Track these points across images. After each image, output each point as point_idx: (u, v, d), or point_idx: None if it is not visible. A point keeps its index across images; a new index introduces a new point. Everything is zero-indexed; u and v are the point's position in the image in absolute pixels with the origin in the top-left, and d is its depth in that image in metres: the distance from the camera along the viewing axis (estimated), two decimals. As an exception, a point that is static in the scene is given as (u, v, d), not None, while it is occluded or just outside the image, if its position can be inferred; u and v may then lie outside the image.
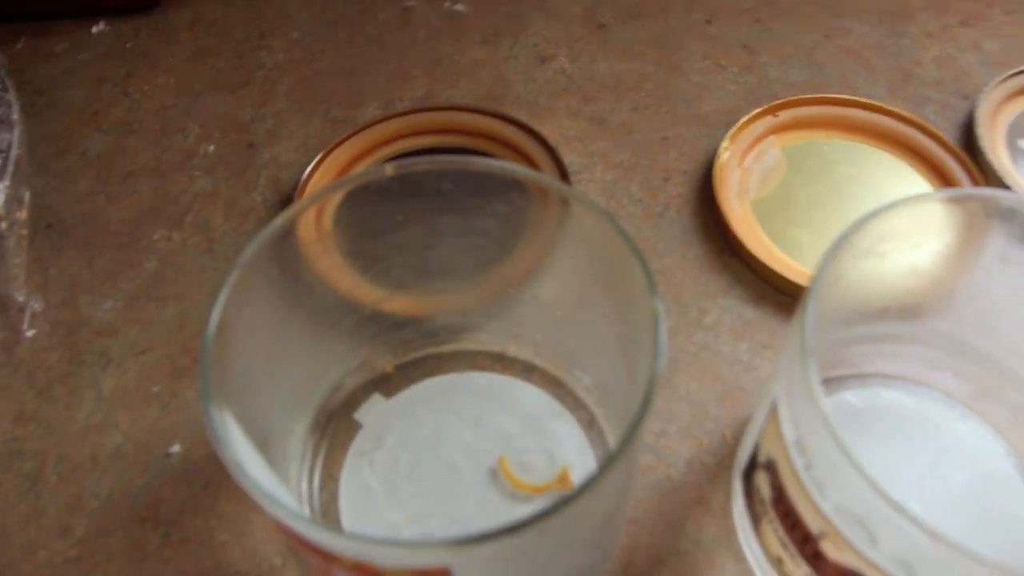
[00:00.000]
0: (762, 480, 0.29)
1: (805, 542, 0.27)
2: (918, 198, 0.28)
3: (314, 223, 0.31)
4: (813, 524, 0.26)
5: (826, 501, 0.25)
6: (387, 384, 0.36)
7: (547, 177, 0.28)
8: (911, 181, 0.42)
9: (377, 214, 0.33)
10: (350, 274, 0.34)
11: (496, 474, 0.33)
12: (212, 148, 0.44)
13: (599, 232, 0.28)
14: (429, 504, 0.33)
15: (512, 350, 0.36)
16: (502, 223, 0.31)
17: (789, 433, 0.26)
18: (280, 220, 0.27)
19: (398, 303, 0.35)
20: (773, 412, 0.27)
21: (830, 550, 0.26)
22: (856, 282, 0.32)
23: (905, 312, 0.34)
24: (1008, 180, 0.41)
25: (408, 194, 0.31)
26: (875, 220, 0.27)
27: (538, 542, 0.24)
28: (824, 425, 0.23)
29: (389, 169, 0.30)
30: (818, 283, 0.26)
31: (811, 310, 0.25)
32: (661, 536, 0.32)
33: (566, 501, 0.22)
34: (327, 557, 0.24)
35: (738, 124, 0.42)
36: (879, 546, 0.24)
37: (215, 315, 0.25)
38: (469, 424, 0.35)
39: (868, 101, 0.44)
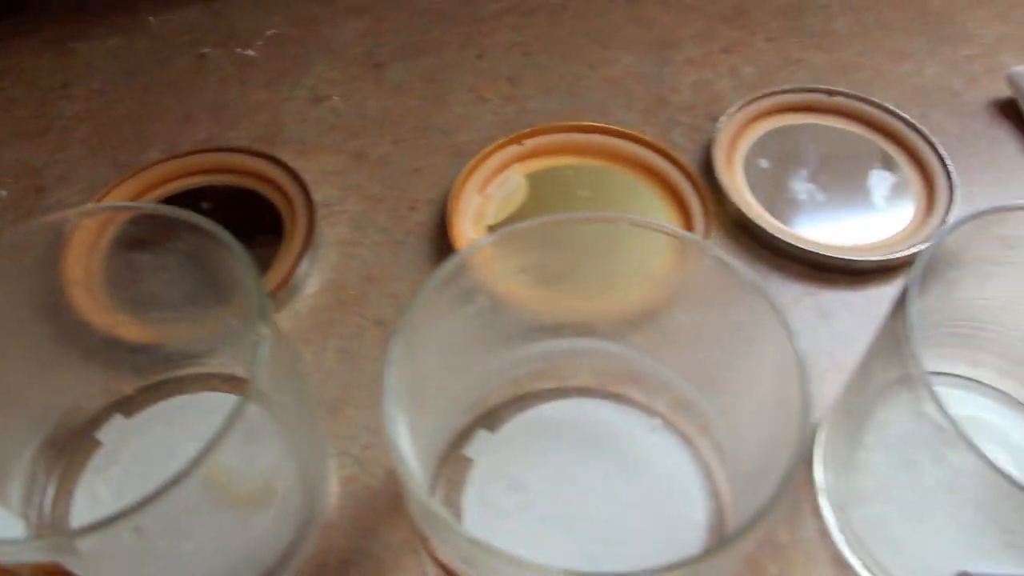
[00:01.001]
0: (410, 483, 0.32)
1: (425, 541, 0.29)
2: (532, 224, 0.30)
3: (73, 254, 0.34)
4: (419, 524, 0.29)
5: (411, 502, 0.28)
6: (128, 404, 0.38)
7: (189, 213, 0.30)
8: (647, 200, 0.45)
9: (101, 249, 0.36)
10: (88, 301, 0.37)
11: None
12: (4, 193, 0.47)
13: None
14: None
15: (240, 372, 0.39)
16: (190, 260, 0.34)
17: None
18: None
19: (130, 329, 0.38)
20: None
21: (433, 548, 0.28)
22: (523, 300, 0.35)
23: (583, 329, 0.37)
24: (734, 197, 0.44)
25: (116, 233, 0.34)
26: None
27: (140, 538, 0.26)
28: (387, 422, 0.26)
29: (71, 213, 0.33)
30: (413, 306, 0.28)
31: (399, 337, 0.28)
32: (356, 539, 0.35)
33: (142, 502, 0.25)
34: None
35: (480, 154, 0.45)
36: (448, 545, 0.27)
37: None
38: (200, 440, 0.38)
39: (611, 127, 0.47)
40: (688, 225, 0.43)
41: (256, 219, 0.45)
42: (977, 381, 0.39)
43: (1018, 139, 0.50)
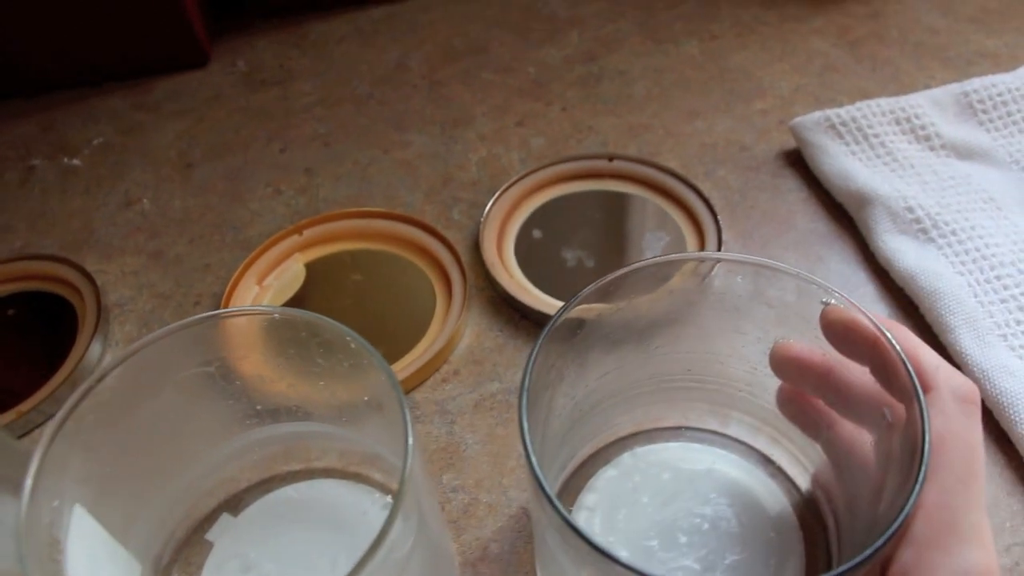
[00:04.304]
0: None
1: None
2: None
3: None
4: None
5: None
6: None
7: None
8: (417, 279, 0.47)
9: None
10: None
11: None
12: None
13: None
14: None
15: None
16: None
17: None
18: None
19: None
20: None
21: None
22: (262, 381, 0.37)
23: (324, 414, 0.39)
24: (495, 272, 0.46)
25: None
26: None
27: None
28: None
29: None
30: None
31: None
32: None
33: None
34: None
35: (259, 247, 0.47)
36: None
37: None
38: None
39: (388, 211, 0.49)
40: (449, 300, 0.45)
41: (57, 323, 0.48)
42: (726, 436, 0.41)
43: (800, 188, 0.51)
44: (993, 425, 0.40)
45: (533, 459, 0.28)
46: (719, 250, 0.47)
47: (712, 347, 0.37)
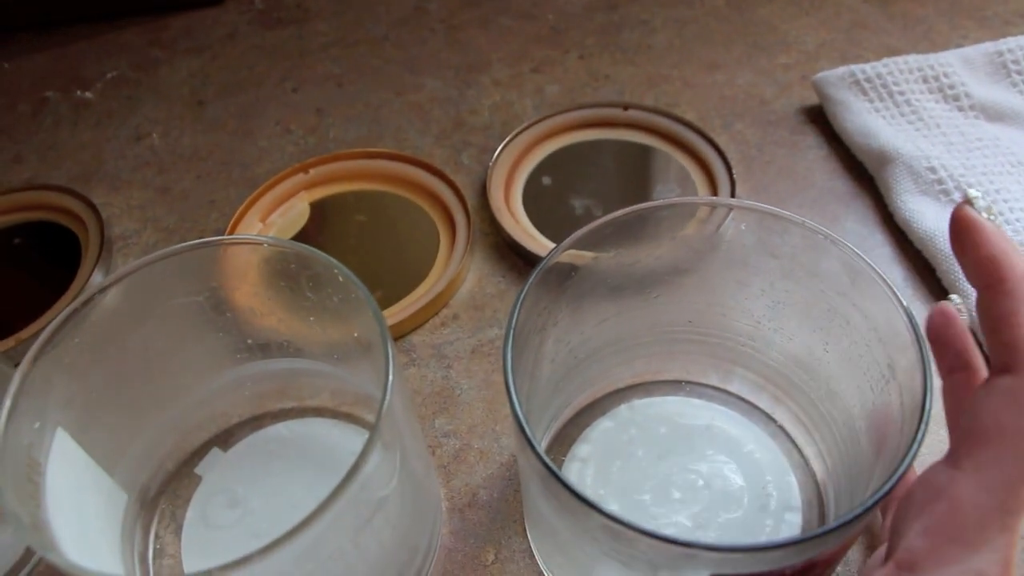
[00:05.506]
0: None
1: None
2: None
3: None
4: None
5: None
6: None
7: None
8: (422, 222, 0.46)
9: None
10: None
11: None
12: None
13: None
14: None
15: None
16: None
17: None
18: None
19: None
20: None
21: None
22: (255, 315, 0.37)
23: (317, 352, 0.38)
24: (500, 218, 0.45)
25: None
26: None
27: None
28: None
29: None
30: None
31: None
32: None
33: None
34: None
35: (264, 184, 0.47)
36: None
37: None
38: None
39: (396, 152, 0.48)
40: (452, 244, 0.45)
41: (62, 254, 0.48)
42: (728, 392, 0.40)
43: (820, 145, 0.50)
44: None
45: (515, 399, 0.27)
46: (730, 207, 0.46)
47: (714, 298, 0.36)
